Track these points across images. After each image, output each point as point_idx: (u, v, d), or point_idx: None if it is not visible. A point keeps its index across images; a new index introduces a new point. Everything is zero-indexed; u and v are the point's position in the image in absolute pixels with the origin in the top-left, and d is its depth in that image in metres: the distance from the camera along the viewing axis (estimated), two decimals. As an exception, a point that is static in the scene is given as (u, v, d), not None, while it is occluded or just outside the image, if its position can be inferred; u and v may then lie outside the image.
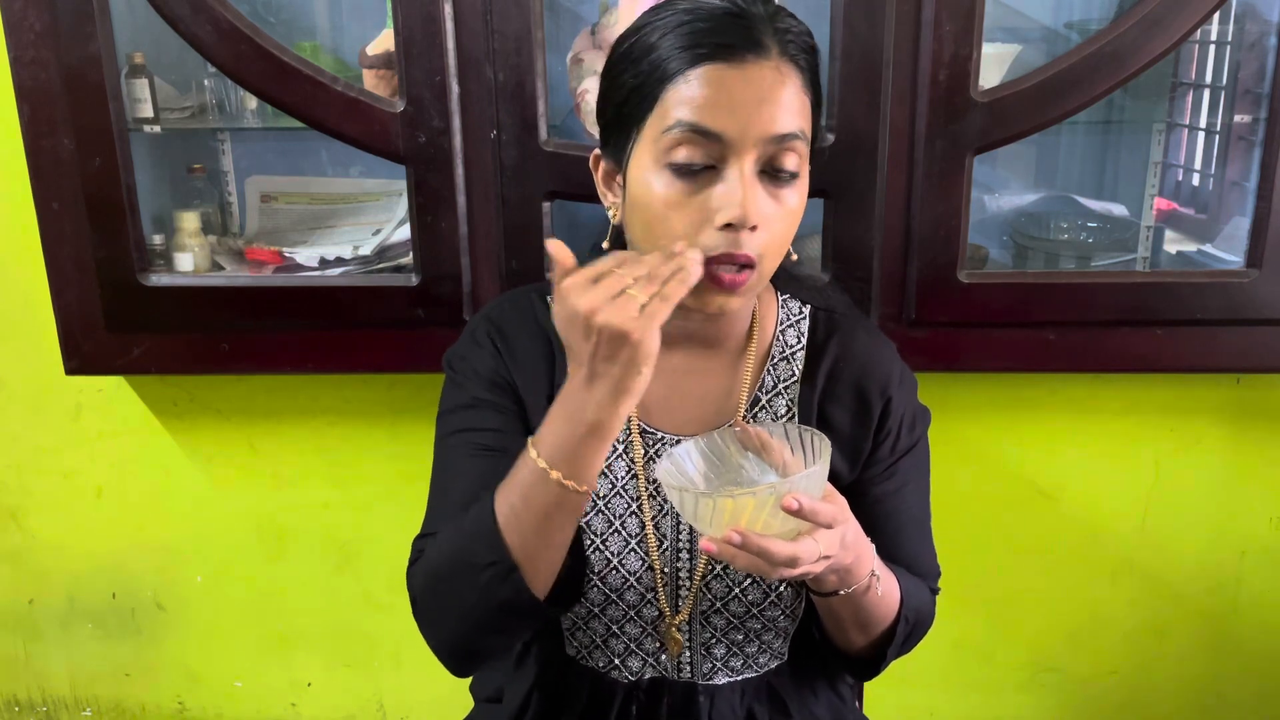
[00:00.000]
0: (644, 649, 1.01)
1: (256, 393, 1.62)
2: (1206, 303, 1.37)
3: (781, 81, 0.85)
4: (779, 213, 0.87)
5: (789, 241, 0.91)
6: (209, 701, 1.81)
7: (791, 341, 1.02)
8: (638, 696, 1.02)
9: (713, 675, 1.02)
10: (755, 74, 0.84)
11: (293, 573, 1.71)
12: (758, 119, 0.84)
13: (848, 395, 1.01)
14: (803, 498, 0.78)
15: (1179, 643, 1.68)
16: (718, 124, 0.83)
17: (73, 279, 1.42)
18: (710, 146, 0.84)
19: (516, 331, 1.00)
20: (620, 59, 0.90)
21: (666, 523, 0.98)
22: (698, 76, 0.84)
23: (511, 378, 0.99)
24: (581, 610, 0.99)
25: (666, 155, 0.85)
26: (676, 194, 0.85)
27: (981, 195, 1.60)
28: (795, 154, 0.86)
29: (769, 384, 1.01)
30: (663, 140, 0.85)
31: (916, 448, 1.04)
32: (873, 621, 0.96)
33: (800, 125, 0.86)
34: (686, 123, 0.84)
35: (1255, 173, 1.36)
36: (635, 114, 0.87)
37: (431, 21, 1.28)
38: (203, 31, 1.30)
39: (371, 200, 1.62)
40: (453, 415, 0.99)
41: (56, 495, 1.71)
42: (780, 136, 0.85)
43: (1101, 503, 1.62)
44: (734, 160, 0.84)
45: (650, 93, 0.86)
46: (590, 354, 0.79)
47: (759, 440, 0.88)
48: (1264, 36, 1.39)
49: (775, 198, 0.87)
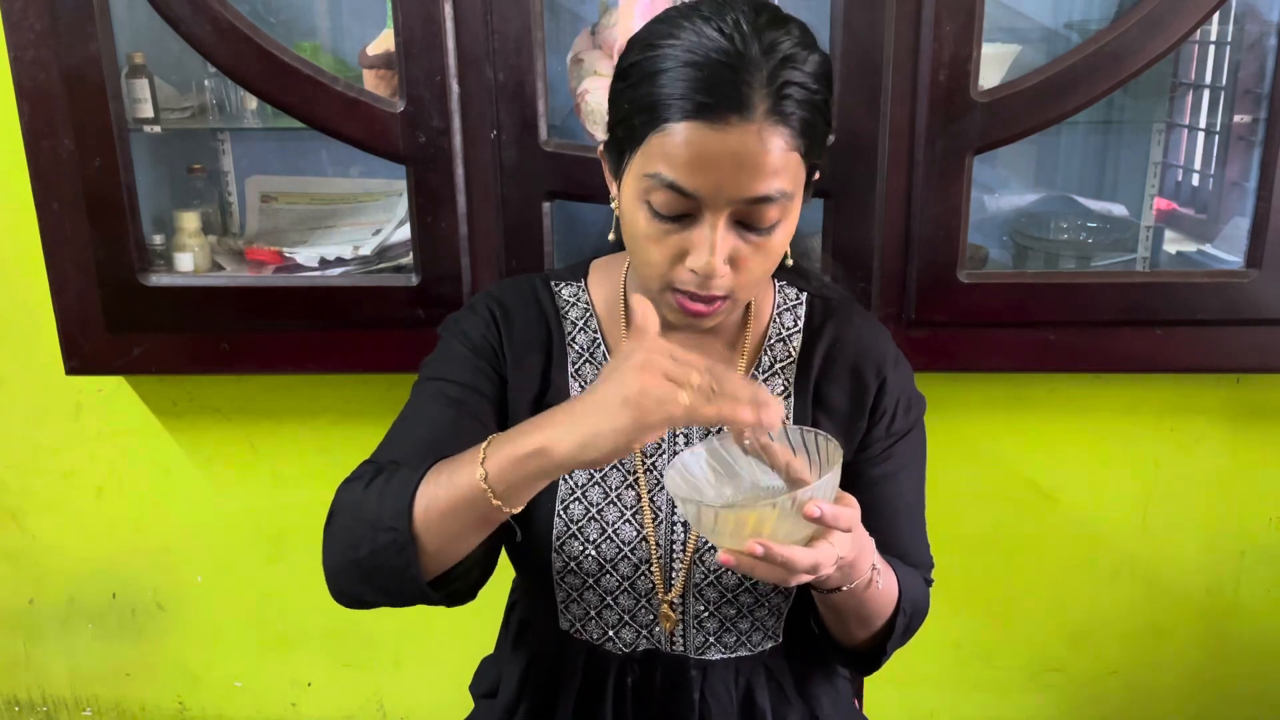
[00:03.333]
0: (638, 621, 1.02)
1: (256, 393, 1.62)
2: (1206, 303, 1.37)
3: (763, 146, 0.84)
4: (756, 255, 0.89)
5: (770, 271, 0.94)
6: (209, 701, 1.81)
7: (788, 324, 1.04)
8: (632, 669, 1.03)
9: (705, 650, 1.02)
10: (736, 139, 0.84)
11: (293, 573, 1.71)
12: (733, 182, 0.85)
13: (844, 376, 1.02)
14: (824, 504, 0.78)
15: (1179, 643, 1.68)
16: (692, 184, 0.85)
17: (73, 279, 1.42)
18: (685, 201, 0.86)
19: (518, 309, 1.03)
20: (627, 72, 0.90)
21: (663, 495, 0.99)
22: (680, 132, 0.84)
23: (501, 348, 1.01)
24: (575, 581, 1.00)
25: (646, 195, 0.88)
26: (655, 231, 0.89)
27: (981, 195, 1.60)
28: (774, 210, 0.87)
29: (765, 364, 1.03)
30: (643, 181, 0.87)
31: (912, 433, 1.05)
32: (873, 615, 0.96)
33: (780, 186, 0.86)
34: (664, 178, 0.85)
35: (1255, 173, 1.36)
36: (628, 140, 0.89)
37: (431, 21, 1.28)
38: (203, 31, 1.30)
39: (371, 200, 1.62)
40: (432, 365, 1.02)
41: (56, 495, 1.71)
42: (755, 199, 0.86)
43: (1101, 503, 1.62)
44: (708, 215, 0.87)
45: (640, 130, 0.87)
46: (606, 392, 0.77)
47: (759, 443, 0.88)
48: (1264, 36, 1.39)
49: (752, 243, 0.89)
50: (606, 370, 0.79)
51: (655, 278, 0.91)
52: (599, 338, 1.03)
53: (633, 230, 0.91)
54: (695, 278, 0.88)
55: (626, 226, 0.92)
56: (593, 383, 0.91)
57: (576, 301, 1.05)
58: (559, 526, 0.98)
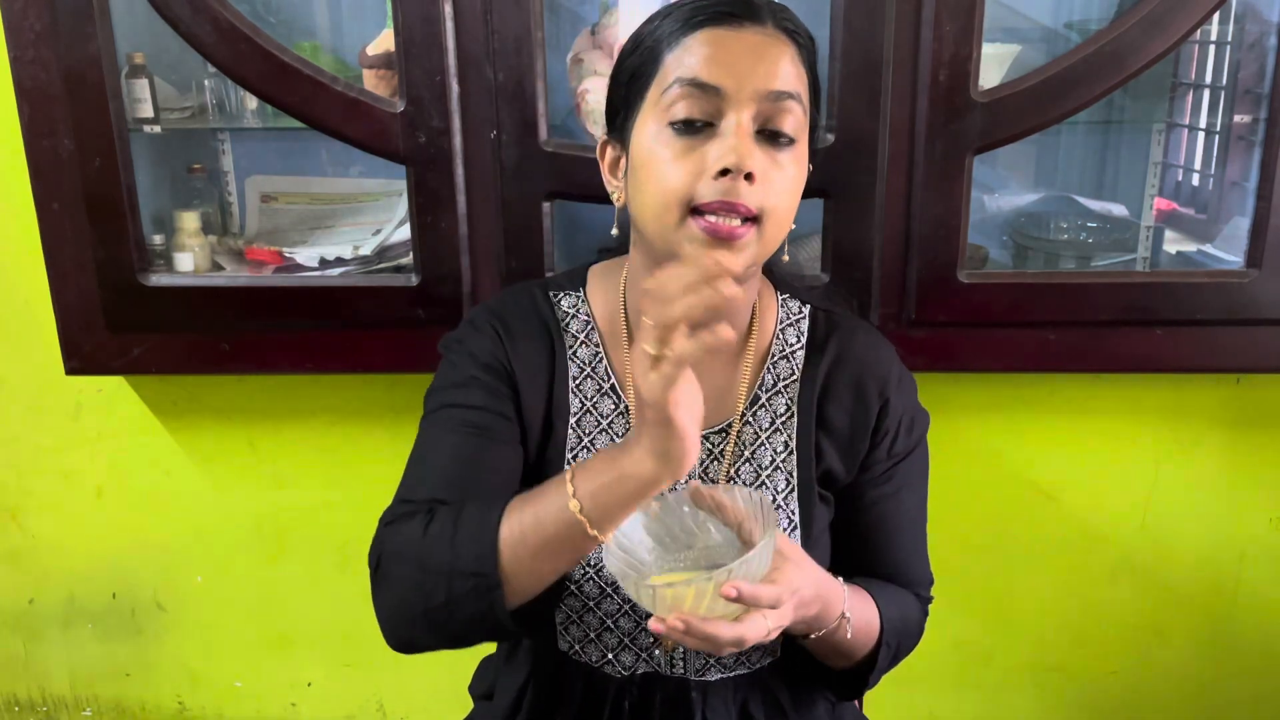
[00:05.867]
0: (637, 644, 1.01)
1: (256, 393, 1.62)
2: (1206, 303, 1.37)
3: (778, 46, 0.88)
4: (778, 174, 0.88)
5: (791, 212, 0.92)
6: (209, 701, 1.81)
7: (791, 340, 1.02)
8: (631, 692, 1.02)
9: (705, 671, 1.02)
10: (752, 37, 0.87)
11: (293, 573, 1.71)
12: (754, 74, 0.86)
13: (846, 396, 1.01)
14: (742, 585, 0.78)
15: (1179, 643, 1.68)
16: (714, 77, 0.86)
17: (73, 279, 1.41)
18: (708, 101, 0.87)
19: (518, 322, 1.01)
20: (625, 48, 0.94)
21: None
22: (696, 39, 0.87)
23: (510, 364, 0.99)
24: (575, 604, 0.99)
25: (667, 113, 0.88)
26: (676, 150, 0.88)
27: (981, 195, 1.60)
28: (792, 116, 0.88)
29: (769, 382, 1.01)
30: (663, 101, 0.88)
31: (914, 453, 1.04)
32: (851, 651, 0.97)
33: (797, 89, 0.88)
34: (685, 79, 0.87)
35: (1255, 173, 1.36)
36: (639, 87, 0.90)
37: (431, 21, 1.28)
38: (203, 31, 1.30)
39: (371, 200, 1.62)
40: (442, 392, 0.99)
41: (56, 495, 1.71)
42: (777, 93, 0.87)
43: (1101, 503, 1.62)
44: (731, 113, 0.87)
45: (652, 62, 0.89)
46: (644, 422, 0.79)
47: (713, 501, 0.87)
48: (1264, 36, 1.39)
49: (773, 160, 0.88)
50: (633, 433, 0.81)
51: (676, 204, 0.87)
52: (600, 351, 1.01)
53: (650, 164, 0.89)
54: (722, 185, 0.86)
55: (640, 173, 0.90)
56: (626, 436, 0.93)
57: (577, 313, 1.02)
58: None
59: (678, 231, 0.88)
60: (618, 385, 1.00)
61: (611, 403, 1.00)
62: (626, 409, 0.99)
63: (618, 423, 0.99)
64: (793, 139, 0.89)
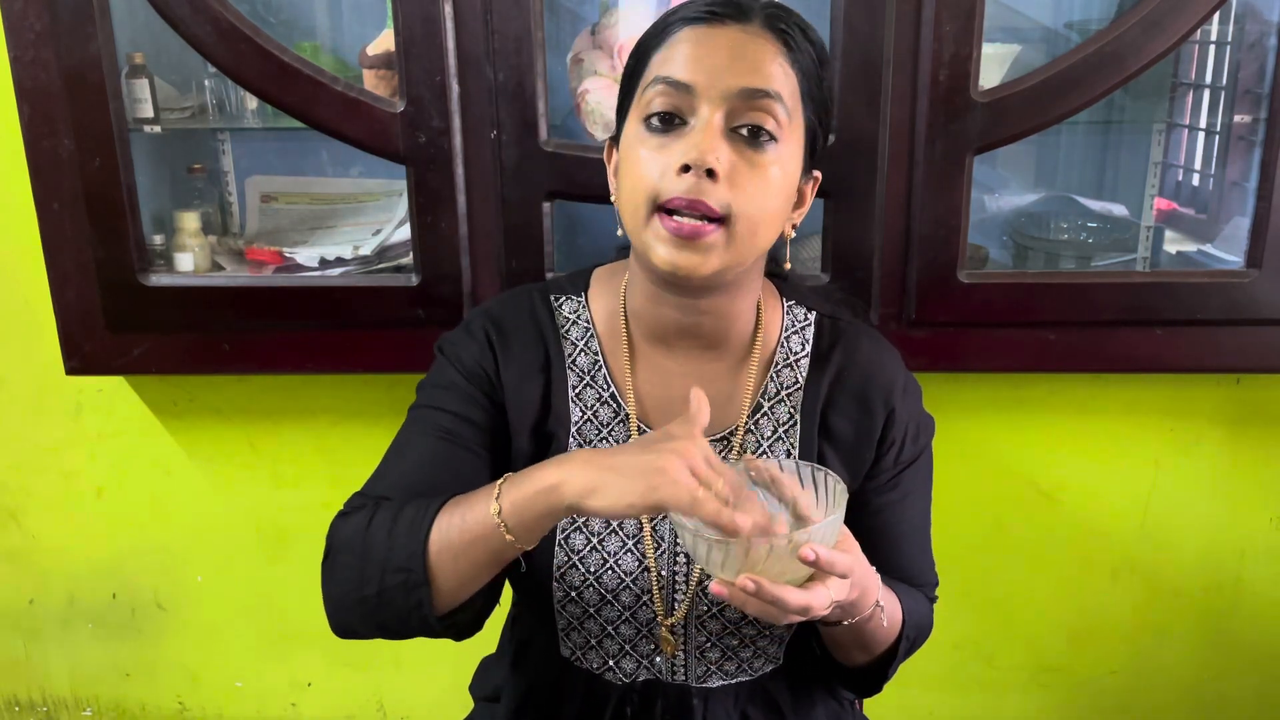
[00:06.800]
0: (638, 651, 1.00)
1: (256, 393, 1.62)
2: (1206, 303, 1.37)
3: (759, 44, 0.87)
4: (750, 173, 0.86)
5: (770, 214, 0.89)
6: (209, 701, 1.81)
7: (796, 348, 1.01)
8: (632, 699, 1.02)
9: (707, 679, 1.01)
10: (733, 34, 0.87)
11: (293, 573, 1.71)
12: (728, 71, 0.86)
13: (850, 406, 1.00)
14: (820, 548, 0.77)
15: (1179, 642, 1.68)
16: (687, 74, 0.86)
17: (73, 279, 1.42)
18: (680, 97, 0.87)
19: (514, 329, 1.00)
20: (630, 53, 0.94)
21: (664, 525, 0.98)
22: (678, 38, 0.88)
23: (497, 375, 0.99)
24: (576, 610, 0.99)
25: (645, 111, 0.88)
26: (650, 147, 0.88)
27: (981, 195, 1.60)
28: (770, 115, 0.87)
29: (772, 390, 1.00)
30: (643, 99, 0.89)
31: (920, 459, 1.03)
32: (876, 643, 0.96)
33: (777, 88, 0.87)
34: (662, 76, 0.87)
35: (1255, 173, 1.36)
36: (630, 87, 0.91)
37: (431, 21, 1.28)
38: (203, 31, 1.30)
39: (371, 200, 1.62)
40: (427, 390, 1.00)
41: (56, 495, 1.71)
42: (751, 90, 0.86)
43: (1101, 503, 1.62)
44: (703, 107, 0.86)
45: (642, 63, 0.90)
46: (633, 455, 0.79)
47: (769, 474, 0.87)
48: (1264, 36, 1.39)
49: (748, 159, 0.87)
50: (645, 438, 0.82)
51: (644, 201, 0.87)
52: (600, 359, 1.00)
53: (627, 160, 0.90)
54: (686, 181, 0.85)
55: (622, 170, 0.91)
56: (626, 442, 0.94)
57: (577, 319, 1.01)
58: (559, 557, 0.96)
59: (646, 230, 0.88)
60: (617, 394, 0.99)
61: (611, 410, 0.99)
62: (626, 416, 0.99)
63: (618, 430, 0.99)
64: (774, 138, 0.87)
